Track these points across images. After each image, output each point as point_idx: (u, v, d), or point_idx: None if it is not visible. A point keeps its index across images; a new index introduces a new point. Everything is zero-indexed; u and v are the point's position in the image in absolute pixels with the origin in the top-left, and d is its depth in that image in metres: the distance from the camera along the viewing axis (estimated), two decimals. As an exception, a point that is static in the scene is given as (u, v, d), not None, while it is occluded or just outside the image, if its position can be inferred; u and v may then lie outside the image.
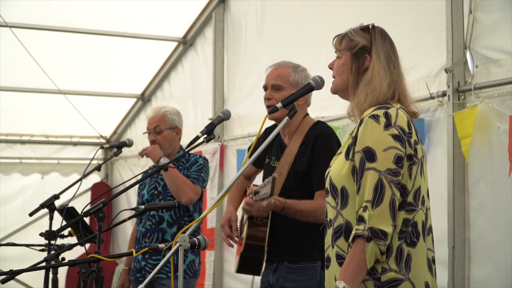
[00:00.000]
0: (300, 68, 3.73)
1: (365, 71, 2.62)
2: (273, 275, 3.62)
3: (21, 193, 8.55)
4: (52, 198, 4.07)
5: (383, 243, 2.38)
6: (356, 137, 2.53)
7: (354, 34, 2.67)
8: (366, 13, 5.17)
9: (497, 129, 4.09)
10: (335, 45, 2.73)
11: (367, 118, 2.50)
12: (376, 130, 2.47)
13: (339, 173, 2.55)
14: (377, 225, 2.38)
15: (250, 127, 6.43)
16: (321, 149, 3.54)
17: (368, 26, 2.67)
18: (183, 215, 4.51)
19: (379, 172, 2.42)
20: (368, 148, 2.46)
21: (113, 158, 7.49)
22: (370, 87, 2.58)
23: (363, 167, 2.45)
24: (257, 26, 6.48)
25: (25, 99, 7.92)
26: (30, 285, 8.23)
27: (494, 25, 4.23)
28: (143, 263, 4.52)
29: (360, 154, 2.47)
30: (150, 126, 4.63)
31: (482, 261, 4.18)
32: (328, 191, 2.59)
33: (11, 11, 6.49)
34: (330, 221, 2.59)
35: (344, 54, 2.68)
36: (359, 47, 2.63)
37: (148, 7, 6.98)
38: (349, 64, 2.66)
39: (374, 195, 2.41)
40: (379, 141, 2.45)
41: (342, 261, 2.49)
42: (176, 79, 7.79)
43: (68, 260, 2.87)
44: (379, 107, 2.53)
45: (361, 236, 2.39)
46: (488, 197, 4.17)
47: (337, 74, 2.70)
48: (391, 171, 2.43)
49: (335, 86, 2.71)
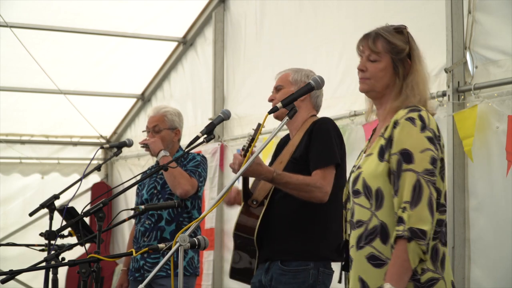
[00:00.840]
0: (302, 70, 3.80)
1: (408, 74, 2.65)
2: (265, 275, 3.59)
3: (21, 193, 8.54)
4: (52, 198, 4.07)
5: (423, 242, 2.42)
6: (390, 138, 2.56)
7: (391, 37, 2.67)
8: (366, 13, 5.17)
9: (496, 129, 4.09)
10: (368, 46, 2.69)
11: (404, 121, 2.54)
12: (413, 132, 2.51)
13: (374, 174, 2.57)
14: (416, 225, 2.41)
15: (250, 127, 6.40)
16: (318, 133, 3.56)
17: (402, 29, 2.70)
18: (181, 213, 4.50)
19: (416, 173, 2.46)
20: (406, 150, 2.50)
21: (113, 158, 7.49)
22: (416, 90, 2.63)
23: (401, 168, 2.49)
24: (257, 26, 6.48)
25: (25, 99, 7.91)
26: (30, 285, 8.23)
27: (494, 26, 4.24)
28: (141, 262, 4.51)
29: (397, 156, 2.51)
30: (149, 125, 4.64)
31: (482, 261, 4.19)
32: (361, 192, 2.59)
33: (11, 11, 6.49)
34: (358, 222, 2.59)
35: (383, 57, 2.67)
36: (406, 53, 2.66)
37: (148, 7, 6.98)
38: (391, 68, 2.66)
39: (412, 195, 2.44)
40: (416, 143, 2.50)
41: (378, 262, 2.52)
42: (176, 79, 7.79)
43: (68, 260, 2.87)
44: (412, 109, 2.57)
45: (402, 237, 2.42)
46: (488, 197, 4.17)
47: (376, 78, 2.68)
48: (428, 171, 2.48)
49: (372, 86, 2.69)
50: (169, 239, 4.42)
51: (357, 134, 5.09)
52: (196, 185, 4.44)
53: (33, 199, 8.03)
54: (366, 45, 2.70)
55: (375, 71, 2.67)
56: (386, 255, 2.51)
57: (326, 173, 3.49)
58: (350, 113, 5.13)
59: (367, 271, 2.54)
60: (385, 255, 2.51)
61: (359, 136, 5.05)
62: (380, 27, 2.72)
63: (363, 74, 2.70)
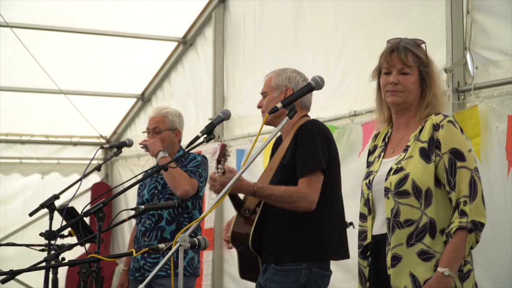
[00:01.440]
0: (285, 71, 3.74)
1: (431, 85, 2.87)
2: (262, 276, 3.61)
3: (21, 193, 8.54)
4: (52, 198, 4.07)
5: (480, 234, 2.71)
6: (432, 139, 2.77)
7: (417, 51, 2.86)
8: (366, 13, 5.17)
9: (496, 129, 4.10)
10: (401, 59, 2.83)
11: (447, 123, 2.77)
12: (457, 133, 2.78)
13: (424, 175, 2.75)
14: (477, 218, 2.69)
15: (250, 127, 6.44)
16: (303, 138, 3.53)
17: (420, 43, 2.88)
18: (181, 213, 4.49)
19: (470, 170, 2.73)
20: (456, 149, 2.74)
21: (113, 158, 7.49)
22: (439, 99, 2.88)
23: (455, 166, 2.73)
24: (257, 26, 6.48)
25: (25, 99, 7.92)
26: (30, 285, 8.23)
27: (494, 26, 4.24)
28: (142, 262, 4.51)
29: (448, 155, 2.74)
30: (149, 126, 4.63)
31: (482, 261, 4.18)
32: (410, 193, 2.76)
33: (12, 11, 6.49)
34: (408, 221, 2.76)
35: (414, 71, 2.86)
36: (430, 67, 2.86)
37: (148, 7, 6.98)
38: (418, 80, 2.86)
39: (470, 190, 2.71)
40: (463, 143, 2.77)
41: (427, 256, 2.73)
42: (176, 79, 7.79)
43: (68, 260, 2.87)
44: (444, 115, 2.82)
45: (464, 228, 2.67)
46: (488, 197, 4.15)
47: (409, 91, 2.86)
48: (477, 169, 2.76)
49: (406, 99, 2.86)
50: (169, 239, 4.42)
51: (357, 134, 5.09)
52: (197, 185, 4.44)
53: (33, 199, 8.03)
54: (397, 59, 2.84)
55: (407, 84, 2.85)
56: (434, 249, 2.73)
57: (312, 180, 3.46)
58: (350, 113, 5.13)
59: (418, 266, 2.73)
60: (433, 249, 2.73)
61: (359, 136, 5.06)
62: (401, 41, 2.87)
63: (396, 87, 2.85)
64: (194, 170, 4.47)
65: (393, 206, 2.78)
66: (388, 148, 2.92)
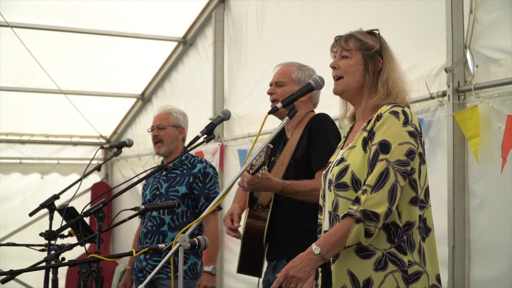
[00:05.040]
0: (306, 68, 3.82)
1: (379, 72, 2.73)
2: (272, 274, 3.64)
3: (21, 193, 8.55)
4: (52, 198, 4.08)
5: (374, 225, 2.50)
6: (371, 130, 2.63)
7: (363, 37, 2.77)
8: (366, 13, 5.17)
9: (498, 129, 4.09)
10: (340, 45, 2.79)
11: (387, 114, 2.61)
12: (395, 125, 2.59)
13: (361, 166, 2.62)
14: (371, 208, 2.49)
15: (250, 127, 6.43)
16: (317, 131, 3.61)
17: (374, 31, 2.78)
18: (187, 221, 4.51)
19: (388, 162, 2.54)
20: (385, 141, 2.58)
21: (113, 158, 7.50)
22: (389, 87, 2.70)
23: (376, 158, 2.56)
24: (257, 26, 6.48)
25: (25, 98, 7.92)
26: (30, 285, 8.23)
27: (494, 25, 4.23)
28: (144, 264, 4.56)
29: (376, 146, 2.58)
30: (154, 123, 4.73)
31: (482, 261, 4.18)
32: (349, 186, 2.62)
33: (12, 11, 6.49)
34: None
35: (354, 54, 2.76)
36: (375, 49, 2.73)
37: (148, 7, 6.98)
38: (362, 64, 2.75)
39: (376, 181, 2.52)
40: (397, 135, 2.58)
41: (366, 253, 2.56)
42: (176, 79, 7.79)
43: (68, 260, 2.88)
44: (395, 105, 2.65)
45: (352, 216, 2.50)
46: (488, 197, 4.17)
47: (348, 73, 2.76)
48: (400, 162, 2.55)
49: (346, 85, 2.76)
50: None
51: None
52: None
53: (33, 199, 8.04)
54: (338, 44, 2.80)
55: (346, 66, 2.76)
56: (374, 245, 2.56)
57: None
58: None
59: (356, 264, 2.58)
60: (373, 245, 2.56)
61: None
62: (353, 30, 2.82)
63: (336, 71, 2.79)
64: (214, 194, 4.54)
65: (333, 199, 2.66)
66: (348, 139, 2.84)
